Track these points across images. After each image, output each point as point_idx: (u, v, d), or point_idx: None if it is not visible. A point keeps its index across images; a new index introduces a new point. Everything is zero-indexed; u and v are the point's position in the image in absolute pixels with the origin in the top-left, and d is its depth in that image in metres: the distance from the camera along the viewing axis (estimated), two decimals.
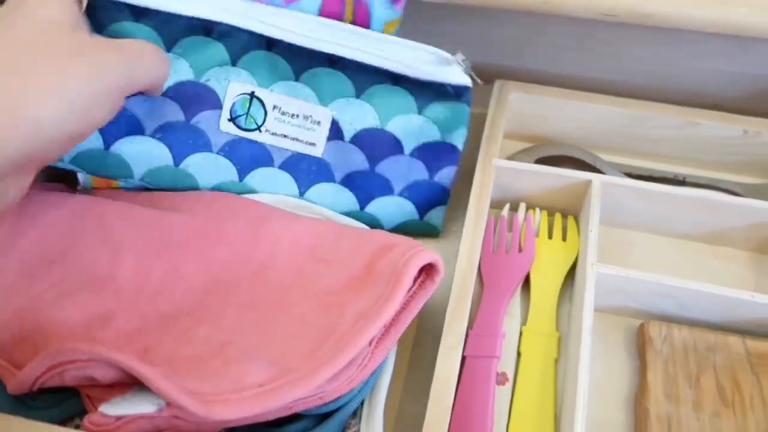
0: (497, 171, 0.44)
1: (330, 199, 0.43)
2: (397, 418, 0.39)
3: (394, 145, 0.43)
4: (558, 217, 0.46)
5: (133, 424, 0.27)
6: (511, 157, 0.48)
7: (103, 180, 0.43)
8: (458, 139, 0.43)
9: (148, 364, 0.27)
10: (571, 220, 0.46)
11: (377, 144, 0.42)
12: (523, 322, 0.42)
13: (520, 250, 0.43)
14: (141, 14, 0.40)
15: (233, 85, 0.41)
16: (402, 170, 0.43)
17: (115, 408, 0.27)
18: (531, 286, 0.43)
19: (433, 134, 0.43)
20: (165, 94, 0.41)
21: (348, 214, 0.43)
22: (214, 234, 0.39)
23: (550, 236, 0.45)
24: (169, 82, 0.41)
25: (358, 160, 0.43)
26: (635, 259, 0.45)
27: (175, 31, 0.40)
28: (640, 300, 0.41)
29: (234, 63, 0.41)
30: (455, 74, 0.41)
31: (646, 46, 0.48)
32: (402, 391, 0.40)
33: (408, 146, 0.43)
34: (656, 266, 0.43)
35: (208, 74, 0.41)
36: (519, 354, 0.41)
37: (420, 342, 0.42)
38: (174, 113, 0.41)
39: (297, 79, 0.42)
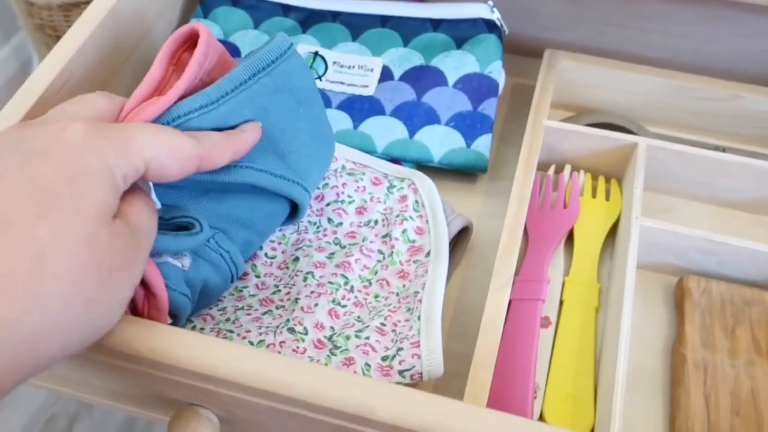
0: (546, 131, 0.46)
1: (382, 130, 0.47)
2: (445, 357, 0.42)
3: (439, 78, 0.48)
4: (602, 180, 0.48)
5: None
6: None
7: None
8: (496, 71, 0.48)
9: None
10: (614, 183, 0.47)
11: (423, 77, 0.48)
12: (566, 273, 0.44)
13: (564, 207, 0.46)
14: (237, 1, 0.53)
15: (301, 46, 0.50)
16: (446, 101, 0.47)
17: None
18: (574, 240, 0.45)
19: (472, 65, 0.48)
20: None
21: (399, 142, 0.46)
22: None
23: (594, 196, 0.47)
24: (251, 49, 0.48)
25: (406, 93, 0.48)
26: (675, 223, 0.46)
27: (262, 13, 0.52)
28: (680, 256, 0.43)
29: (304, 32, 0.51)
30: (486, 12, 0.49)
31: (691, 24, 0.50)
32: (448, 333, 0.43)
33: (451, 78, 0.48)
34: None
35: None
36: (561, 302, 0.43)
37: (466, 289, 0.44)
38: None
39: (354, 40, 0.50)
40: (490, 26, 0.49)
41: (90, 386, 0.39)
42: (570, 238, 0.45)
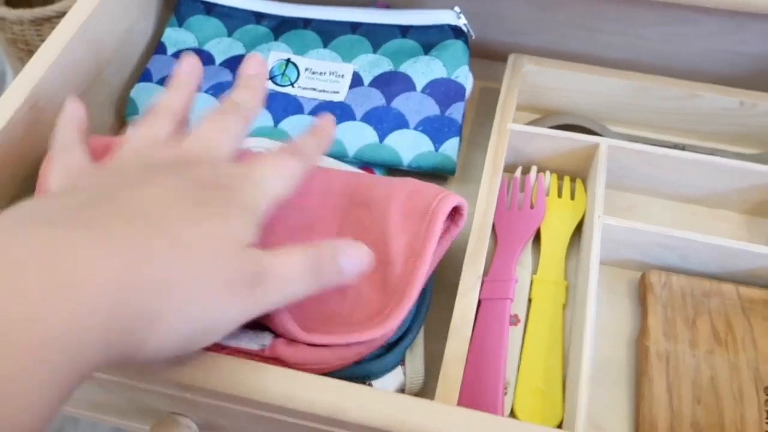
0: (511, 134, 0.47)
1: (352, 135, 0.48)
2: None
3: (407, 83, 0.49)
4: (567, 180, 0.49)
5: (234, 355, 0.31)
6: None
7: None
8: (462, 76, 0.49)
9: None
10: (579, 183, 0.49)
11: (392, 83, 0.49)
12: (534, 272, 0.45)
13: (531, 207, 0.47)
14: (210, 9, 0.54)
15: (273, 53, 0.52)
16: (415, 105, 0.48)
17: (226, 339, 0.31)
18: (541, 239, 0.46)
19: (439, 70, 0.49)
20: (221, 65, 0.51)
21: (370, 146, 0.47)
22: None
23: (559, 195, 0.48)
24: (225, 57, 0.52)
25: (376, 98, 0.49)
26: (637, 220, 0.48)
27: (235, 21, 0.53)
28: (643, 251, 0.44)
29: (276, 39, 0.53)
30: (453, 18, 0.50)
31: (651, 26, 0.52)
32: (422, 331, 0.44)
33: (419, 83, 0.49)
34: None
35: (256, 49, 0.52)
36: (530, 300, 0.44)
37: (437, 289, 0.45)
38: (225, 76, 0.51)
39: (325, 47, 0.52)
40: (456, 32, 0.50)
41: (70, 398, 0.39)
42: (537, 237, 0.47)
